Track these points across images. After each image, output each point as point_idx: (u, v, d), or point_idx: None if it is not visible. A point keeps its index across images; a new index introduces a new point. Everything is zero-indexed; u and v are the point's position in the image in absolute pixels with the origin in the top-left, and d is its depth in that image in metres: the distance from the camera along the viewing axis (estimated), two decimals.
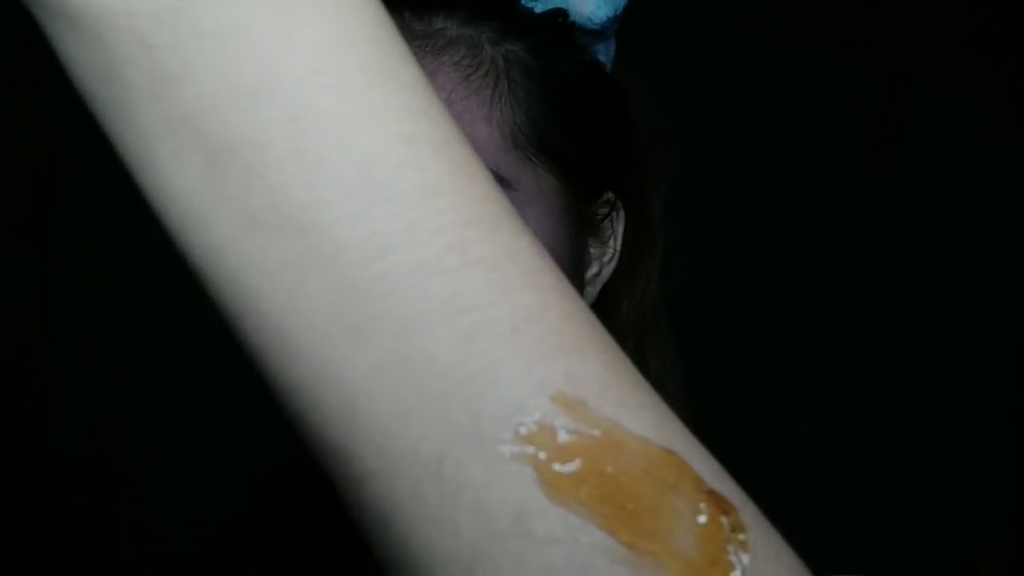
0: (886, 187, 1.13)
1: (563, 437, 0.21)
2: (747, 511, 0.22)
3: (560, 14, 0.54)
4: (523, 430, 0.20)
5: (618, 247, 0.57)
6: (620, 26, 0.57)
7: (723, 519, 0.22)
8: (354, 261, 0.20)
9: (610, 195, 0.56)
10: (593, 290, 0.57)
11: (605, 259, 0.57)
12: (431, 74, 0.49)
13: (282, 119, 0.20)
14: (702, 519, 0.21)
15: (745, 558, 0.21)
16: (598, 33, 0.55)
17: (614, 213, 0.57)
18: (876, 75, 1.13)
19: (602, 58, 0.58)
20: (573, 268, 0.53)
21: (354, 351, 0.20)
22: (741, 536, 0.22)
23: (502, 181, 0.49)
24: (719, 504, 0.22)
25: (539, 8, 0.55)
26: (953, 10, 1.10)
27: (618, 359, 0.22)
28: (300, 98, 0.20)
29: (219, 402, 1.03)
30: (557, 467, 0.20)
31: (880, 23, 1.12)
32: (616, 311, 0.57)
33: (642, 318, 0.58)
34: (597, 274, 0.56)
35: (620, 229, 0.57)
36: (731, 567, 0.21)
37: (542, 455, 0.20)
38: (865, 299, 1.13)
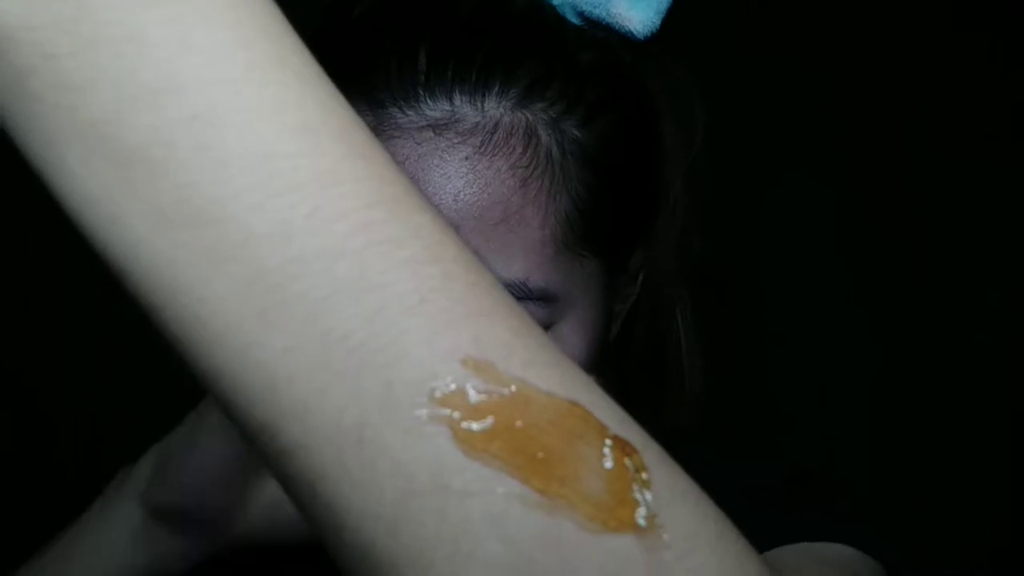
0: (885, 188, 1.14)
1: (474, 397, 0.22)
2: (649, 453, 0.24)
3: (602, 28, 0.50)
4: (436, 393, 0.22)
5: (638, 289, 0.56)
6: None
7: (627, 461, 0.24)
8: (261, 249, 0.21)
9: (638, 256, 0.55)
10: (616, 326, 0.55)
11: (624, 309, 0.56)
12: (486, 184, 0.46)
13: (184, 117, 0.21)
14: (608, 463, 0.23)
15: (648, 495, 0.23)
16: (645, 44, 0.51)
17: (640, 273, 0.56)
18: (876, 78, 1.14)
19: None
20: (603, 326, 0.52)
21: (268, 334, 0.22)
22: (644, 475, 0.24)
23: (550, 298, 0.47)
24: (623, 448, 0.24)
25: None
26: (952, 12, 1.11)
27: (524, 323, 0.24)
28: (199, 96, 0.21)
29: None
30: (470, 425, 0.22)
31: (879, 25, 1.13)
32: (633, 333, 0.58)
33: (660, 334, 0.59)
34: (616, 318, 0.55)
35: (641, 276, 0.56)
36: (636, 504, 0.23)
37: (456, 415, 0.22)
38: (864, 300, 1.14)
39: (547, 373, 0.23)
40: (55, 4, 0.20)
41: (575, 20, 0.51)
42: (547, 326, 0.48)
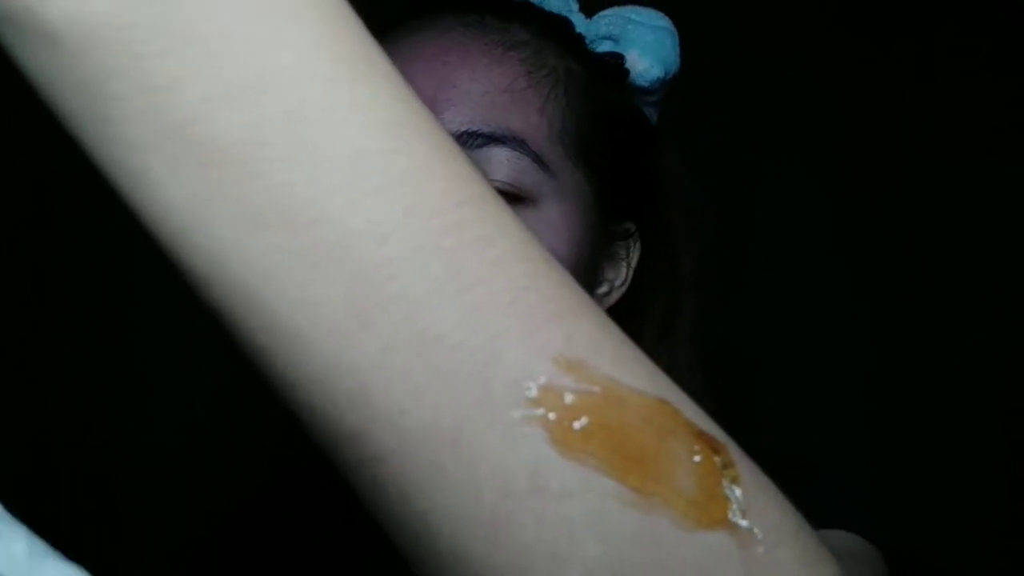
0: (883, 185, 1.14)
1: (568, 397, 0.22)
2: (732, 448, 0.24)
3: (618, 56, 0.58)
4: (531, 394, 0.22)
5: (630, 276, 0.60)
6: None
7: (715, 458, 0.23)
8: (358, 249, 0.21)
9: (630, 225, 0.60)
10: (612, 296, 0.60)
11: (617, 283, 0.60)
12: (499, 62, 0.54)
13: (277, 114, 0.20)
14: (697, 459, 0.23)
15: (738, 491, 0.23)
16: (647, 92, 0.59)
17: (631, 242, 0.60)
18: (874, 75, 1.14)
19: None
20: (587, 276, 0.56)
21: (365, 336, 0.21)
22: (732, 471, 0.24)
23: (544, 166, 0.53)
24: (710, 444, 0.24)
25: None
26: (950, 10, 1.12)
27: (607, 321, 0.24)
28: (292, 93, 0.21)
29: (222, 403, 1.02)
30: (565, 425, 0.22)
31: (876, 22, 1.14)
32: None
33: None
34: (607, 294, 0.60)
35: (634, 259, 0.60)
36: (728, 500, 0.23)
37: (551, 415, 0.22)
38: (862, 297, 1.14)
39: (635, 370, 0.23)
40: (143, 2, 0.20)
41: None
42: (532, 202, 0.53)
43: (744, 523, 0.23)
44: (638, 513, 0.22)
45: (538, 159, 0.53)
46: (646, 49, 0.57)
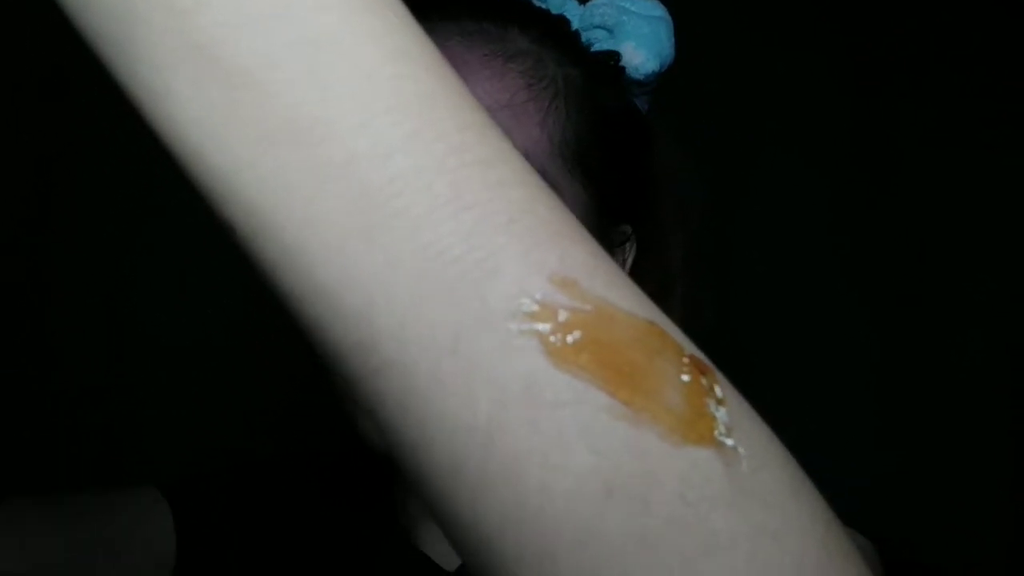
0: (883, 179, 1.15)
1: (562, 312, 0.23)
2: (719, 374, 0.25)
3: (614, 56, 0.59)
4: (527, 308, 0.23)
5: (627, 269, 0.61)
6: None
7: (702, 379, 0.25)
8: (365, 167, 0.22)
9: (627, 228, 0.61)
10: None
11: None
12: (499, 76, 0.55)
13: (292, 41, 0.22)
14: (685, 378, 0.24)
15: (723, 411, 0.24)
16: (641, 84, 0.59)
17: (627, 244, 0.61)
18: (873, 68, 1.15)
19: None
20: None
21: (369, 251, 0.22)
22: (718, 392, 0.25)
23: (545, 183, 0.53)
24: (698, 366, 0.25)
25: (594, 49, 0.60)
26: (948, 1, 1.13)
27: (600, 249, 0.25)
28: (307, 20, 0.22)
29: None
30: (559, 338, 0.23)
31: (876, 13, 1.15)
32: None
33: None
34: None
35: (630, 260, 0.61)
36: (714, 418, 0.24)
37: (545, 329, 0.23)
38: (860, 292, 1.15)
39: (625, 294, 0.24)
40: None
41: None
42: None
43: (729, 442, 0.24)
44: (628, 425, 0.23)
45: (540, 176, 0.54)
46: (642, 42, 0.57)
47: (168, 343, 1.08)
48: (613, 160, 0.59)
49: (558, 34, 0.59)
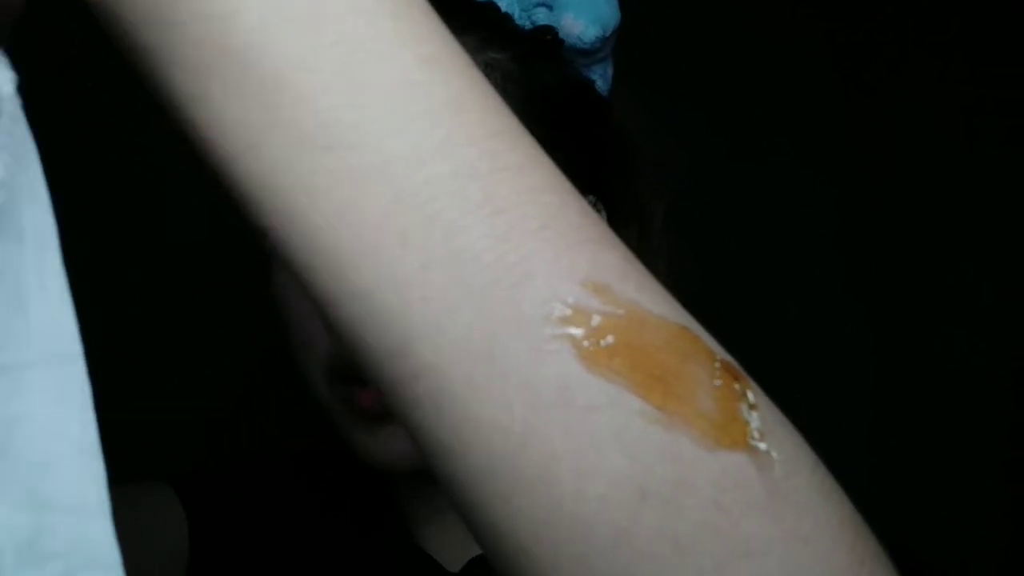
0: (881, 180, 1.14)
1: (595, 318, 0.23)
2: (750, 380, 0.25)
3: (548, 31, 0.57)
4: (560, 312, 0.23)
5: None
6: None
7: (735, 384, 0.25)
8: (400, 171, 0.22)
9: (591, 197, 0.59)
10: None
11: None
12: None
13: (326, 44, 0.22)
14: (718, 383, 0.24)
15: (756, 416, 0.24)
16: (589, 53, 0.58)
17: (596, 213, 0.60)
18: (873, 71, 1.15)
19: (598, 80, 0.60)
20: None
21: (404, 253, 0.23)
22: (751, 398, 0.25)
23: None
24: (730, 371, 0.25)
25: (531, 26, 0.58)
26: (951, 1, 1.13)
27: (631, 254, 0.25)
28: (340, 24, 0.22)
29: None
30: (592, 343, 0.23)
31: (877, 14, 1.14)
32: None
33: None
34: None
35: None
36: (747, 423, 0.24)
37: (578, 333, 0.23)
38: (858, 293, 1.14)
39: (657, 298, 0.24)
40: None
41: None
42: None
43: (762, 446, 0.24)
44: (661, 430, 0.23)
45: None
46: (580, 10, 0.55)
47: (173, 340, 1.08)
48: (558, 135, 0.58)
49: (483, 21, 0.57)
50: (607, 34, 0.58)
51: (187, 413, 1.08)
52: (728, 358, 0.25)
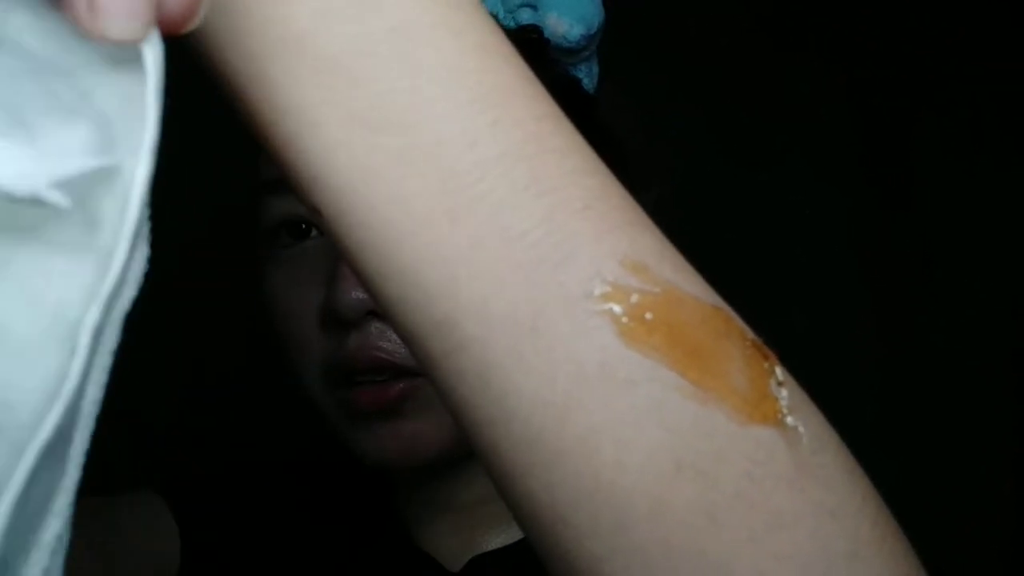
0: (892, 185, 1.15)
1: (634, 295, 0.24)
2: (778, 359, 0.26)
3: (533, 30, 0.58)
4: (601, 290, 0.24)
5: None
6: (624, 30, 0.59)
7: (765, 363, 0.26)
8: (450, 152, 0.23)
9: None
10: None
11: None
12: None
13: (382, 30, 0.23)
14: (749, 361, 0.25)
15: (784, 393, 0.25)
16: (574, 52, 0.58)
17: None
18: (885, 76, 1.16)
19: (584, 78, 0.61)
20: None
21: (454, 230, 0.24)
22: (780, 376, 0.26)
23: None
24: (760, 350, 0.26)
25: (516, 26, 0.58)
26: (963, 8, 1.13)
27: (665, 238, 0.26)
28: (396, 10, 0.23)
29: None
30: (632, 319, 0.24)
31: (888, 22, 1.16)
32: None
33: None
34: None
35: None
36: (776, 400, 0.25)
37: (618, 310, 0.24)
38: (866, 297, 1.15)
39: (692, 279, 0.25)
40: None
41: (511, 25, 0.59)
42: None
43: (791, 422, 0.25)
44: (697, 404, 0.24)
45: None
46: (564, 9, 0.56)
47: (168, 344, 1.08)
48: None
49: None
50: (591, 32, 0.59)
51: (176, 420, 1.09)
52: (757, 338, 0.26)
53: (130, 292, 0.21)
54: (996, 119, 1.14)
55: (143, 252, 0.21)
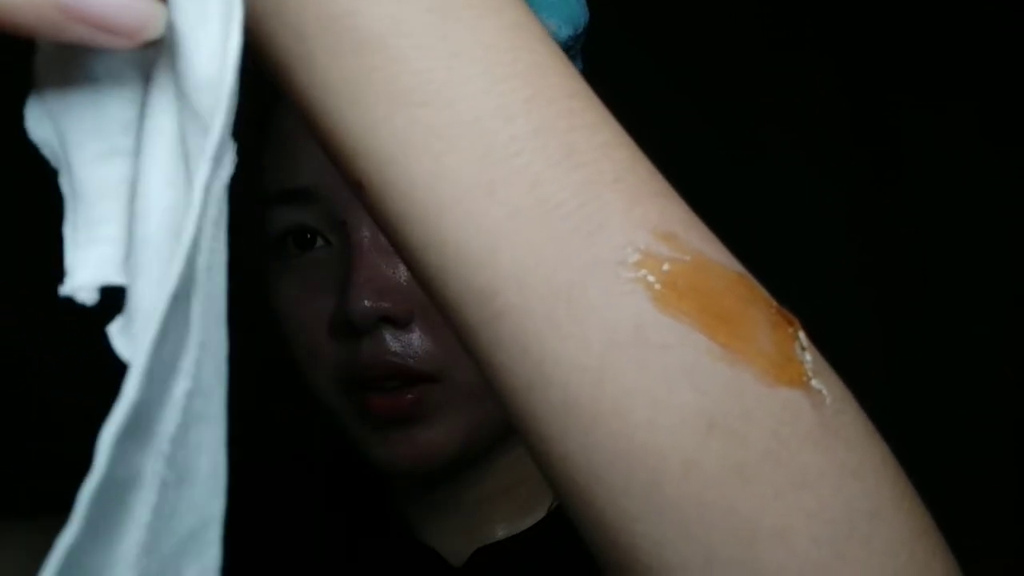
0: (889, 181, 1.16)
1: (665, 263, 0.25)
2: (801, 326, 0.27)
3: None
4: (633, 258, 0.25)
5: None
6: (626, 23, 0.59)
7: (789, 328, 0.27)
8: (489, 127, 0.24)
9: None
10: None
11: None
12: None
13: (421, 10, 0.24)
14: (775, 326, 0.26)
15: (809, 357, 0.26)
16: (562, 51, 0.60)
17: None
18: (882, 72, 1.16)
19: None
20: None
21: (493, 202, 0.25)
22: (804, 341, 0.27)
23: None
24: (784, 315, 0.27)
25: None
26: (962, 3, 1.14)
27: (691, 209, 0.27)
28: None
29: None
30: (663, 285, 0.25)
31: (885, 18, 1.16)
32: None
33: None
34: None
35: None
36: (802, 363, 0.26)
37: (650, 277, 0.25)
38: (867, 293, 1.16)
39: (718, 248, 0.26)
40: None
41: None
42: None
43: (815, 384, 0.26)
44: (726, 366, 0.25)
45: None
46: (551, 11, 0.57)
47: None
48: None
49: None
50: (578, 32, 0.59)
51: None
52: (780, 305, 0.27)
53: (226, 172, 0.22)
54: (991, 111, 1.15)
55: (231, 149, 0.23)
